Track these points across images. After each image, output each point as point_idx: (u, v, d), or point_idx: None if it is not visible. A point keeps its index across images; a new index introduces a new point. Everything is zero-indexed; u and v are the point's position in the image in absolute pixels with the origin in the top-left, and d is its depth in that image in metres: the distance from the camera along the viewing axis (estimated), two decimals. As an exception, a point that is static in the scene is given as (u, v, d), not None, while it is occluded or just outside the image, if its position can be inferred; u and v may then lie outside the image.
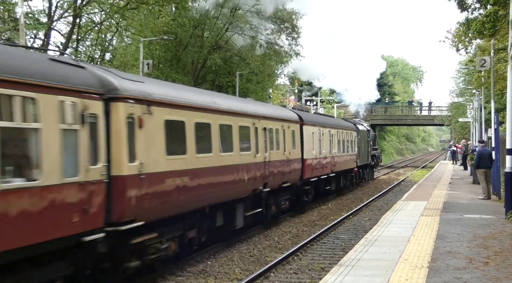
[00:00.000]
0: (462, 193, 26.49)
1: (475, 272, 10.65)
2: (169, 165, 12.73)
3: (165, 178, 12.58)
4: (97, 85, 10.52)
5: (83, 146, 9.93)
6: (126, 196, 11.13)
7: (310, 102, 79.16)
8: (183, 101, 13.73)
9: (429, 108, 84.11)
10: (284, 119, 21.74)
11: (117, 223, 10.87)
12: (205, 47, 41.48)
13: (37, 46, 31.71)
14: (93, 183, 10.13)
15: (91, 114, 10.14)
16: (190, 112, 13.92)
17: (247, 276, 13.44)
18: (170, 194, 12.76)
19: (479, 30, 19.30)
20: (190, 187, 13.68)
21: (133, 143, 11.39)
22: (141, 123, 11.65)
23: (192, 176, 13.78)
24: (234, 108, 17.10)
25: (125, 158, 11.11)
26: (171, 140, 12.87)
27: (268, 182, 19.34)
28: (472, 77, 48.44)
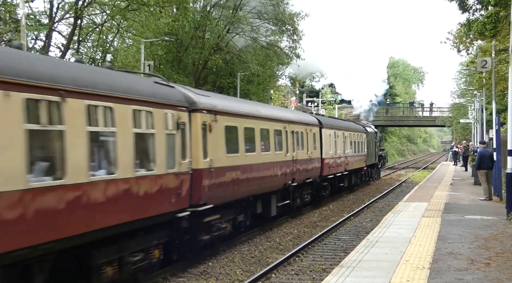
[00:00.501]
0: (463, 194, 26.47)
1: (477, 273, 10.64)
2: (228, 161, 16.01)
3: (226, 172, 15.82)
4: (184, 100, 13.96)
5: (178, 145, 13.29)
6: (202, 184, 14.38)
7: (311, 103, 79.19)
8: (236, 110, 17.18)
9: (431, 110, 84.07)
10: (307, 123, 24.93)
11: (195, 205, 14.07)
12: (206, 49, 41.50)
13: (38, 47, 31.76)
14: (183, 174, 13.47)
15: (182, 122, 13.51)
16: (241, 119, 17.26)
17: (248, 277, 13.44)
18: (228, 184, 16.06)
19: (480, 31, 19.29)
20: (241, 179, 16.97)
21: (205, 143, 14.64)
22: (210, 129, 14.97)
23: (242, 170, 17.05)
24: (270, 115, 20.47)
25: (201, 155, 14.37)
26: (229, 141, 16.18)
27: (295, 178, 22.45)
28: (473, 78, 48.42)
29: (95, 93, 10.31)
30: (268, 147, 19.45)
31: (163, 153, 12.54)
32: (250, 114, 18.22)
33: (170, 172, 12.81)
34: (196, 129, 14.31)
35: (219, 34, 41.40)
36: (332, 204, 28.84)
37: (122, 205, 11.06)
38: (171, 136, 13.01)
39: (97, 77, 10.95)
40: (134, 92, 11.67)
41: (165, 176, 12.57)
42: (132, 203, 11.38)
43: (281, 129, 20.93)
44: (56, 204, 9.25)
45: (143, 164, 11.86)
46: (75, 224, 9.76)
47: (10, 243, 8.33)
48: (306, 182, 24.34)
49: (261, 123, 18.91)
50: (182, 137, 13.48)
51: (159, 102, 12.49)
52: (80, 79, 10.15)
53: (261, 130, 18.83)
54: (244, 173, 17.11)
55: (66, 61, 12.68)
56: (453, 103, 76.86)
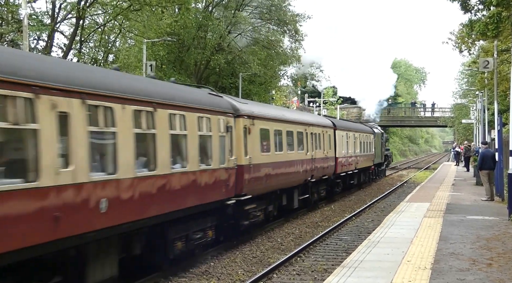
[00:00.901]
0: (465, 195, 26.45)
1: (478, 274, 10.63)
2: (262, 159, 18.77)
3: (260, 168, 18.58)
4: (230, 108, 16.87)
5: (227, 145, 16.12)
6: (244, 178, 17.21)
7: (313, 103, 79.16)
8: (268, 115, 20.10)
9: (432, 110, 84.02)
10: (323, 126, 27.75)
11: (238, 195, 16.88)
12: (208, 49, 41.49)
13: (41, 47, 31.79)
14: (231, 169, 16.32)
15: (229, 126, 16.38)
16: (271, 123, 20.06)
17: (250, 277, 13.45)
18: (262, 179, 18.78)
19: (482, 32, 19.26)
20: (271, 174, 19.60)
21: (246, 143, 17.44)
22: (249, 131, 17.77)
23: (273, 167, 19.72)
24: (294, 118, 23.32)
25: (243, 153, 17.19)
26: (262, 142, 18.92)
27: (313, 174, 25.09)
28: (475, 78, 48.37)
29: (174, 104, 13.23)
30: (292, 147, 22.28)
31: (217, 151, 15.45)
32: (279, 118, 21.13)
33: (221, 167, 15.72)
34: (239, 132, 17.16)
35: (221, 34, 41.40)
36: (333, 204, 28.85)
37: (190, 192, 13.92)
38: (222, 138, 15.87)
39: (175, 93, 13.94)
40: (198, 103, 14.68)
41: (218, 170, 15.52)
42: (197, 191, 14.28)
43: (302, 131, 23.68)
44: (150, 189, 12.04)
45: (203, 160, 14.67)
46: (162, 205, 12.55)
47: (123, 217, 11.15)
48: (322, 179, 27.09)
49: (287, 126, 21.75)
50: (230, 138, 16.40)
51: (215, 110, 15.53)
52: (164, 94, 13.03)
53: (287, 132, 21.70)
54: (274, 169, 19.89)
55: (156, 80, 15.41)
56: (455, 104, 76.78)
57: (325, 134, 27.30)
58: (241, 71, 43.67)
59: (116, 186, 10.83)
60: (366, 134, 38.36)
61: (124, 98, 11.17)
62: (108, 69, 16.44)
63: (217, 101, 16.26)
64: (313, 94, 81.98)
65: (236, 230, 17.50)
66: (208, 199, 14.81)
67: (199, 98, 15.08)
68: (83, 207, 9.85)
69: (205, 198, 14.65)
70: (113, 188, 10.75)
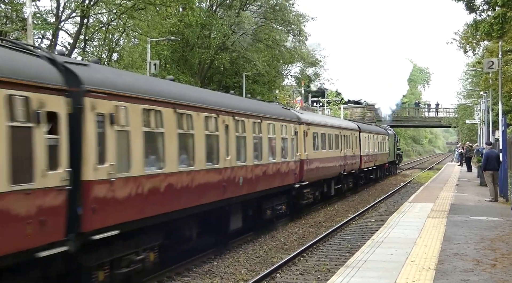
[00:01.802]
0: (469, 195, 26.38)
1: (482, 274, 10.60)
2: (314, 155, 24.76)
3: (313, 162, 24.55)
4: (296, 117, 22.82)
5: (294, 145, 21.94)
6: (304, 168, 23.03)
7: (316, 103, 79.09)
8: (318, 122, 26.69)
9: (436, 110, 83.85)
10: (351, 129, 33.95)
11: (300, 181, 22.59)
12: (212, 48, 41.47)
13: (45, 46, 31.80)
14: (297, 162, 22.19)
15: (296, 131, 22.20)
16: (320, 127, 26.34)
17: (253, 277, 13.43)
18: (314, 170, 24.66)
19: (487, 32, 19.21)
20: (319, 167, 25.54)
21: (305, 144, 23.36)
22: (307, 134, 23.77)
23: (320, 162, 25.65)
24: (333, 124, 30.07)
25: (303, 151, 23.11)
26: (314, 142, 25.01)
27: (345, 169, 31.03)
28: (480, 79, 48.26)
29: (269, 117, 19.43)
30: (331, 146, 28.15)
31: (290, 149, 21.37)
32: (324, 124, 27.57)
33: (292, 160, 21.58)
34: (301, 135, 23.01)
35: (225, 33, 41.39)
36: (337, 204, 28.83)
37: (276, 176, 19.90)
38: (292, 139, 21.76)
39: (268, 109, 20.16)
40: (282, 115, 21.23)
41: (291, 162, 21.46)
42: (280, 176, 20.25)
43: (338, 133, 29.76)
44: (259, 172, 18.25)
45: (283, 155, 20.56)
46: (263, 184, 18.61)
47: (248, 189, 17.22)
48: (351, 173, 32.67)
49: (329, 130, 28.05)
50: (296, 140, 22.22)
51: (288, 120, 21.72)
52: (245, 108, 17.64)
53: (329, 135, 27.78)
54: (321, 163, 25.71)
55: (228, 94, 19.98)
56: (459, 104, 76.64)
57: (352, 136, 33.30)
58: (245, 70, 43.66)
59: (246, 170, 17.05)
60: (382, 135, 44.28)
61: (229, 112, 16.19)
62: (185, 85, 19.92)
63: (288, 113, 22.92)
64: (317, 94, 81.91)
65: (298, 207, 23.47)
66: (285, 182, 20.95)
67: (281, 112, 21.88)
68: (233, 181, 16.12)
69: (284, 182, 20.85)
70: (244, 170, 16.95)
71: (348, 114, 73.57)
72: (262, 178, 18.35)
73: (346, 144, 31.19)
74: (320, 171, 25.62)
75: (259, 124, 18.11)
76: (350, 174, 32.60)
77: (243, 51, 42.78)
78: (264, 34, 44.29)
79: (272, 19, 44.55)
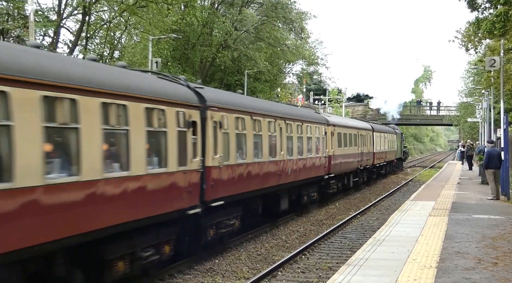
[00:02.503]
0: (470, 193, 26.36)
1: (484, 273, 10.59)
2: (338, 152, 28.96)
3: (338, 158, 28.82)
4: (325, 120, 27.06)
5: (324, 143, 26.03)
6: (331, 163, 27.19)
7: (318, 101, 79.06)
8: (342, 123, 31.42)
9: (438, 108, 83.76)
10: (367, 129, 38.52)
11: (328, 174, 26.82)
12: (214, 46, 41.42)
13: (47, 43, 31.79)
14: (326, 157, 26.11)
15: (325, 131, 26.77)
16: (343, 128, 30.76)
17: (255, 275, 13.43)
18: (338, 164, 28.83)
19: (489, 30, 19.17)
20: (342, 162, 29.86)
21: (332, 142, 27.66)
22: (333, 134, 27.94)
23: (343, 157, 30.11)
24: (353, 125, 34.83)
25: (330, 148, 27.50)
26: (339, 141, 29.21)
27: (361, 164, 35.32)
28: (482, 77, 48.20)
29: (310, 120, 24.38)
30: (352, 144, 32.53)
31: (321, 146, 25.64)
32: (345, 125, 32.11)
33: (322, 156, 25.80)
34: (329, 135, 27.33)
35: (226, 31, 41.35)
36: (338, 202, 28.83)
37: (308, 169, 23.64)
38: (323, 138, 26.07)
39: (308, 114, 25.46)
40: (317, 119, 26.03)
41: (322, 157, 25.63)
42: (312, 168, 24.34)
43: (356, 133, 34.01)
44: (302, 165, 22.52)
45: (316, 151, 25.08)
46: (302, 174, 22.70)
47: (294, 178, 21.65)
48: (365, 168, 37.01)
49: (350, 130, 32.55)
50: (326, 139, 26.58)
51: (320, 122, 26.15)
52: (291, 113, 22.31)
53: (349, 135, 32.00)
54: (343, 159, 30.30)
55: (280, 104, 24.48)
56: (460, 102, 76.54)
57: (367, 135, 37.66)
58: (247, 68, 43.62)
59: (292, 162, 21.26)
60: (391, 134, 48.99)
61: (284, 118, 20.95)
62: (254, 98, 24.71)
63: (320, 116, 27.40)
64: (318, 92, 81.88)
65: (326, 195, 27.38)
66: (318, 174, 25.25)
67: (315, 116, 26.38)
68: (284, 171, 20.50)
69: (317, 173, 25.14)
70: (292, 163, 21.24)
71: (349, 112, 73.55)
72: (303, 169, 22.82)
73: (362, 142, 35.76)
74: (343, 165, 30.11)
75: (300, 126, 22.73)
76: (365, 168, 37.08)
77: (244, 49, 42.75)
78: (266, 32, 44.25)
79: (273, 17, 44.51)
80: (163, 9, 34.94)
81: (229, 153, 15.69)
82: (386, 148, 45.23)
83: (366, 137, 37.18)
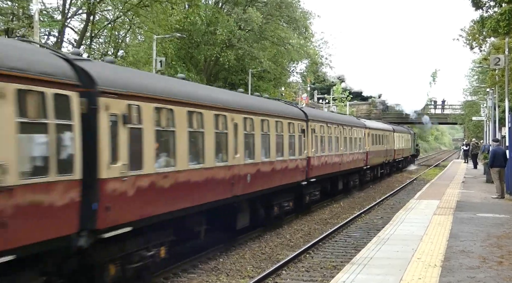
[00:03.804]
0: (475, 192, 26.31)
1: (489, 272, 10.58)
2: (372, 149, 36.61)
3: (372, 153, 36.15)
4: (363, 124, 35.68)
5: (363, 142, 34.10)
6: (368, 157, 35.14)
7: (322, 100, 78.98)
8: (376, 127, 40.18)
9: (442, 107, 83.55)
10: (389, 131, 46.12)
11: (365, 166, 34.73)
12: (218, 45, 41.41)
13: (51, 43, 31.85)
14: (365, 153, 34.16)
15: (364, 133, 34.83)
16: (376, 130, 38.71)
17: (259, 274, 13.44)
18: (370, 159, 35.82)
19: (493, 29, 19.16)
20: (374, 157, 37.02)
21: (368, 141, 35.04)
22: (368, 135, 35.66)
23: (375, 154, 37.37)
24: (381, 127, 42.94)
25: (367, 146, 35.03)
26: (373, 140, 36.77)
27: (386, 159, 43.14)
28: (486, 75, 48.10)
29: (354, 125, 32.24)
30: (381, 143, 40.43)
31: (362, 144, 32.69)
32: (377, 127, 40.03)
33: (361, 151, 32.90)
34: (366, 135, 34.58)
35: (230, 30, 41.34)
36: (342, 201, 28.83)
37: (354, 161, 30.81)
38: (362, 139, 33.03)
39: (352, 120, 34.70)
40: (361, 124, 34.36)
41: (361, 153, 32.59)
42: (355, 161, 31.05)
43: (382, 134, 41.21)
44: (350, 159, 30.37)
45: (359, 147, 32.16)
46: (348, 165, 29.50)
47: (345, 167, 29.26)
48: (388, 162, 45.14)
49: (378, 131, 40.11)
50: (365, 139, 33.63)
51: (362, 126, 33.72)
52: (347, 120, 31.65)
53: (378, 135, 39.68)
54: (376, 154, 37.67)
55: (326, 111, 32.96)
56: (465, 101, 76.35)
57: (390, 135, 45.63)
58: (251, 67, 43.61)
59: (342, 157, 28.02)
60: (407, 134, 57.62)
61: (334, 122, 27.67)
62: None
63: (361, 121, 35.41)
64: (323, 91, 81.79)
65: (363, 183, 35.31)
66: (357, 165, 32.07)
67: (356, 121, 33.99)
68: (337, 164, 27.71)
69: (357, 165, 31.87)
70: (342, 158, 28.06)
71: (354, 111, 73.51)
72: (350, 161, 29.78)
73: (387, 141, 43.31)
74: (374, 159, 37.32)
75: (351, 129, 30.60)
76: (388, 163, 45.05)
77: (248, 48, 42.75)
78: (270, 31, 44.24)
79: (278, 16, 44.49)
80: (167, 8, 34.97)
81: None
82: (403, 146, 53.68)
83: (389, 137, 45.20)
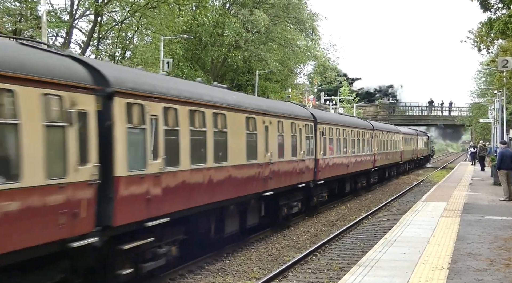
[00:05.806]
0: (482, 194, 26.22)
1: (496, 274, 10.54)
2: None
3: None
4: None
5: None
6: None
7: (329, 102, 78.95)
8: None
9: (450, 109, 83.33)
10: (413, 134, 55.35)
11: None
12: (225, 46, 41.45)
13: (59, 44, 31.95)
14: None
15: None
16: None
17: (265, 275, 13.43)
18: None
19: (501, 30, 19.12)
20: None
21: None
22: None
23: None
24: (408, 132, 53.02)
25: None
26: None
27: (413, 156, 53.84)
28: (494, 77, 47.93)
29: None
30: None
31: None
32: (407, 133, 50.02)
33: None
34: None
35: (237, 31, 41.38)
36: (349, 203, 28.78)
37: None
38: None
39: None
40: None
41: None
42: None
43: (409, 137, 50.12)
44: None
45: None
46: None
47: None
48: (412, 159, 55.05)
49: (407, 136, 48.55)
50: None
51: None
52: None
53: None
54: (408, 153, 49.48)
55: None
56: (472, 103, 76.16)
57: (413, 138, 54.30)
58: (258, 68, 43.62)
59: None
60: (425, 137, 66.48)
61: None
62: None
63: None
64: (329, 93, 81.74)
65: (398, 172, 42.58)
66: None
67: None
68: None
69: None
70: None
71: (361, 113, 73.45)
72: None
73: (411, 143, 52.34)
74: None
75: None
76: (412, 160, 55.15)
77: (255, 50, 42.77)
78: (277, 33, 44.25)
79: (285, 18, 44.51)
80: (174, 9, 35.04)
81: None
82: (422, 147, 62.81)
83: (413, 140, 54.78)
